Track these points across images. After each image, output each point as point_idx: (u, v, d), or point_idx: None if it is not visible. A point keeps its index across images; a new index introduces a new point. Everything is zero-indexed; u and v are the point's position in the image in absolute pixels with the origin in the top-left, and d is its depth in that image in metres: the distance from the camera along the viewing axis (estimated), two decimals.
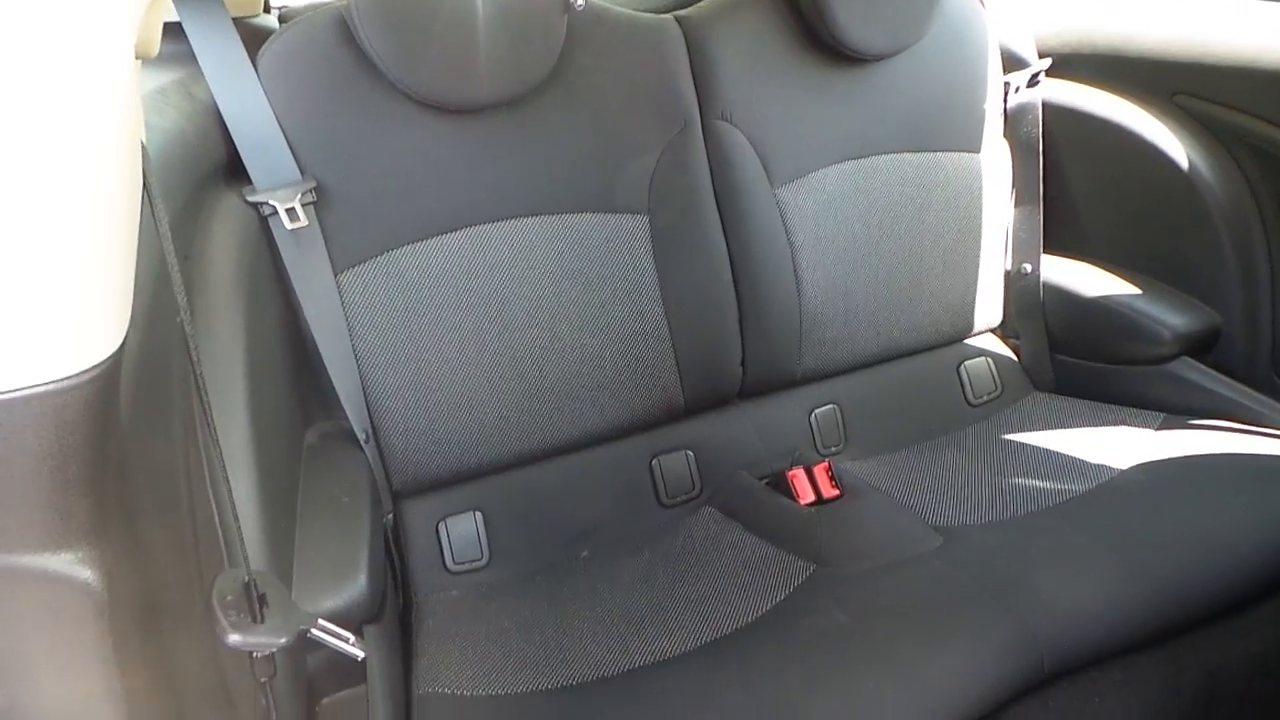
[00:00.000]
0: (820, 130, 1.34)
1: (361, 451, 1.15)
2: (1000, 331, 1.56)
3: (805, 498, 1.20)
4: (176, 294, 0.61)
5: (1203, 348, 1.36)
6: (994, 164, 1.46)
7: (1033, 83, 1.45)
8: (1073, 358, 1.48)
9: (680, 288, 1.27)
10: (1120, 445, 1.25)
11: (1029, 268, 1.49)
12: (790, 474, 1.22)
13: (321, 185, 1.10)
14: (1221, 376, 1.33)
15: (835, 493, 1.20)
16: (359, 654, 0.77)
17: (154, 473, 0.62)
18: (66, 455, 0.49)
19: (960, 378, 1.48)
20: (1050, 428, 1.37)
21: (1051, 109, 1.46)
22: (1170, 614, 0.99)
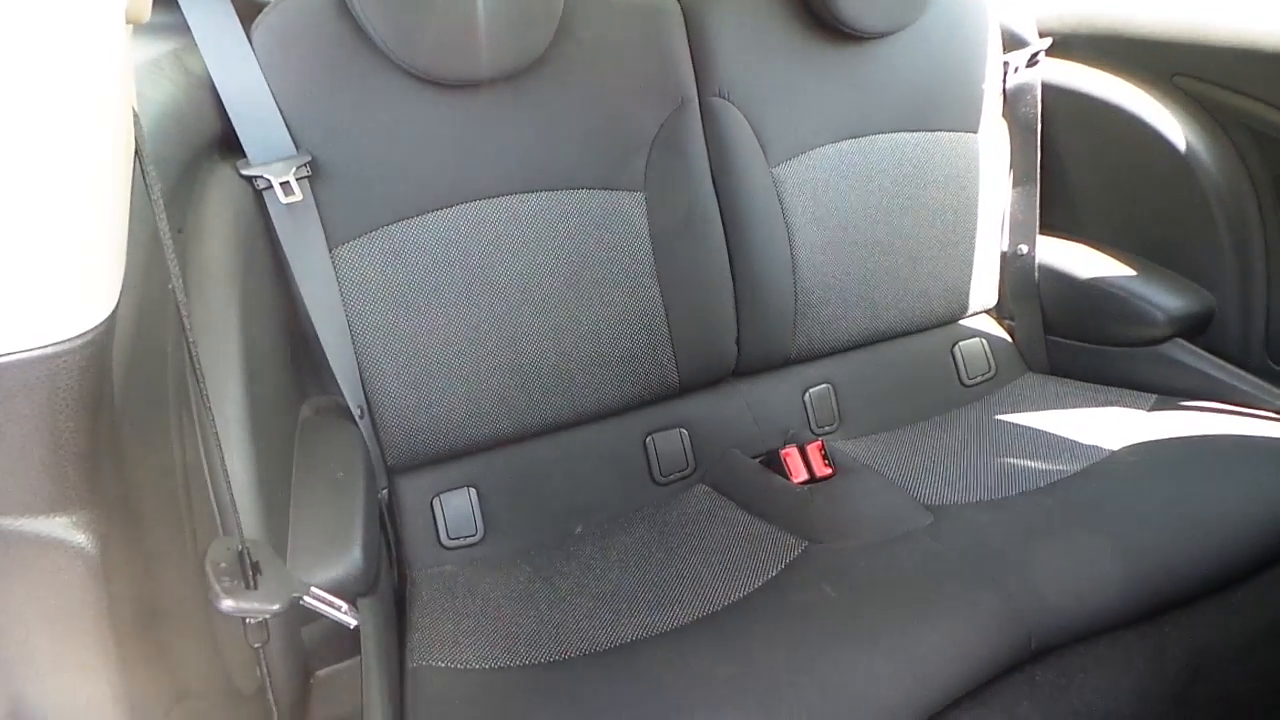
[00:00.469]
0: (818, 108, 1.33)
1: (356, 426, 1.15)
2: (995, 313, 1.56)
3: (798, 476, 1.21)
4: (169, 262, 0.60)
5: (1196, 330, 1.37)
6: (992, 144, 1.46)
7: (1032, 63, 1.45)
8: (1067, 339, 1.49)
9: (676, 265, 1.27)
10: (1112, 426, 1.26)
11: (1025, 248, 1.49)
12: (783, 452, 1.23)
13: (316, 159, 1.09)
14: (1214, 359, 1.33)
15: (828, 471, 1.21)
16: (351, 622, 0.78)
17: (148, 440, 0.62)
18: (60, 420, 0.49)
19: (954, 358, 1.49)
20: (1043, 408, 1.37)
21: (1050, 89, 1.45)
22: (1158, 592, 1.00)
